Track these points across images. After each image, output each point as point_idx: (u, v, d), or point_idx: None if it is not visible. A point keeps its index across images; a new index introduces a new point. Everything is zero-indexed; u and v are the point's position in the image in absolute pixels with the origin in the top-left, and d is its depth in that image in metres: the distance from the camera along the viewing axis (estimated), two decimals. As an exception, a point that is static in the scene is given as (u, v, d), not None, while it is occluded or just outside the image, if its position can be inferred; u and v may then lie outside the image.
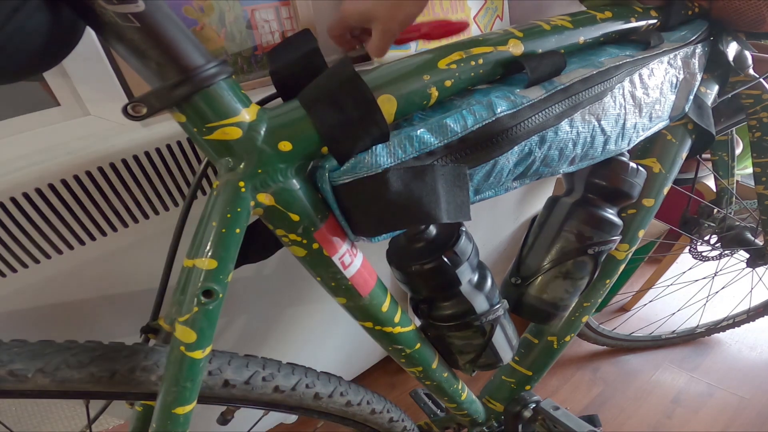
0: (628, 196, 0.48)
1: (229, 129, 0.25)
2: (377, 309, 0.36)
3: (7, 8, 0.19)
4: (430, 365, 0.44)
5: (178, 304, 0.27)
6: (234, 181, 0.26)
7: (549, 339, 0.61)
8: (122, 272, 0.45)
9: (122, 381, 0.31)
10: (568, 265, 0.49)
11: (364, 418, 0.50)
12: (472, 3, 0.66)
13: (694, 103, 0.48)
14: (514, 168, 0.34)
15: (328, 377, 0.44)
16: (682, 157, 0.53)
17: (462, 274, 0.39)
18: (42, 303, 0.42)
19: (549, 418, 0.58)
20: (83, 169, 0.38)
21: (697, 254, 0.93)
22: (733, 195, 0.83)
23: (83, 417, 0.83)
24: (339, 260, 0.32)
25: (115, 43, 0.22)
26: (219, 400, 0.38)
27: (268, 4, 0.49)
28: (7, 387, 0.28)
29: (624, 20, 0.42)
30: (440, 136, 0.30)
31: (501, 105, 0.32)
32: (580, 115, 0.35)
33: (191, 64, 0.23)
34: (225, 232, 0.26)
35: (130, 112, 0.23)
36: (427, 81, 0.30)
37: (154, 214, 0.44)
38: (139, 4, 0.21)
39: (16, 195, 0.35)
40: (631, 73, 0.39)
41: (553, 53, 0.35)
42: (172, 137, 0.41)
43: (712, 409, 0.92)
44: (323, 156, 0.29)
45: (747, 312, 1.04)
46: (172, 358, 0.28)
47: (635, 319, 1.11)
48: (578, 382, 1.00)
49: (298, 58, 0.29)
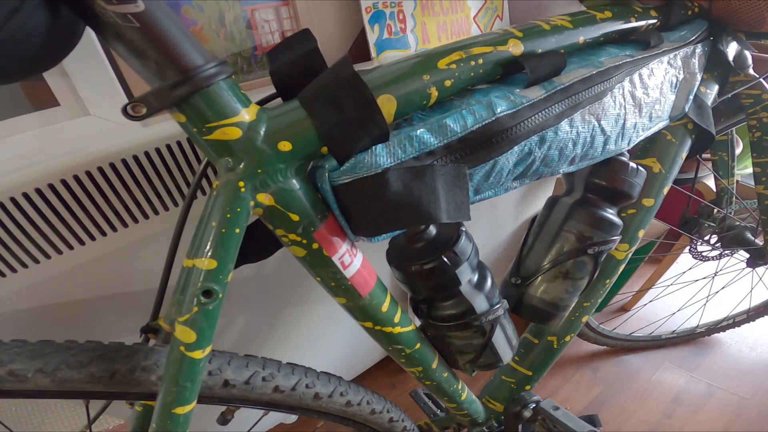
0: (628, 196, 0.48)
1: (229, 129, 0.25)
2: (377, 309, 0.36)
3: (7, 8, 0.19)
4: (430, 365, 0.44)
5: (178, 304, 0.27)
6: (234, 181, 0.26)
7: (549, 339, 0.61)
8: (122, 272, 0.45)
9: (122, 381, 0.31)
10: (568, 265, 0.49)
11: (364, 418, 0.50)
12: (472, 3, 0.66)
13: (694, 103, 0.48)
14: (513, 168, 0.34)
15: (328, 377, 0.44)
16: (682, 157, 0.53)
17: (462, 274, 0.39)
18: (42, 303, 0.42)
19: (549, 418, 0.58)
20: (83, 169, 0.38)
21: (697, 254, 0.93)
22: (733, 195, 0.83)
23: (83, 417, 0.83)
24: (339, 260, 0.32)
25: (114, 43, 0.22)
26: (219, 400, 0.38)
27: (268, 4, 0.50)
28: (7, 387, 0.28)
29: (624, 20, 0.42)
30: (440, 136, 0.30)
31: (501, 105, 0.32)
32: (580, 115, 0.35)
33: (191, 64, 0.23)
34: (225, 232, 0.26)
35: (129, 112, 0.23)
36: (427, 81, 0.30)
37: (153, 214, 0.44)
38: (139, 4, 0.21)
39: (16, 195, 0.35)
40: (631, 73, 0.39)
41: (553, 53, 0.35)
42: (172, 137, 0.41)
43: (712, 409, 0.92)
44: (323, 156, 0.29)
45: (747, 312, 1.04)
46: (172, 358, 0.28)
47: (635, 319, 1.11)
48: (578, 382, 1.00)
49: (298, 58, 0.29)
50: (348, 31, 0.60)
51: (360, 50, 0.61)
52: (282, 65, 0.29)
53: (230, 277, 0.27)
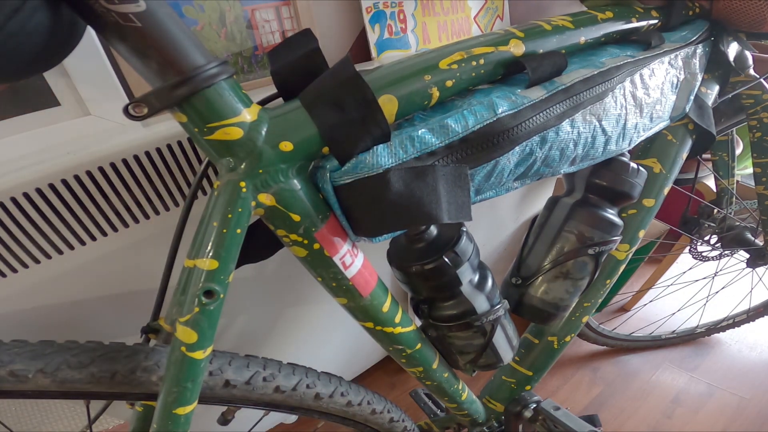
0: (628, 196, 0.48)
1: (230, 129, 0.25)
2: (378, 309, 0.36)
3: (8, 8, 0.19)
4: (430, 365, 0.44)
5: (179, 305, 0.27)
6: (235, 181, 0.26)
7: (549, 339, 0.61)
8: (123, 272, 0.45)
9: (123, 381, 0.31)
10: (568, 266, 0.49)
11: (365, 419, 0.50)
12: (472, 3, 0.66)
13: (695, 104, 0.48)
14: (515, 168, 0.34)
15: (329, 377, 0.44)
16: (683, 157, 0.53)
17: (463, 274, 0.39)
18: (42, 303, 0.42)
19: (549, 418, 0.58)
20: (84, 169, 0.38)
21: (697, 254, 0.93)
22: (733, 195, 0.83)
23: (83, 417, 0.83)
24: (340, 260, 0.32)
25: (116, 43, 0.22)
26: (220, 401, 0.38)
27: (269, 4, 0.49)
28: (7, 387, 0.28)
29: (625, 20, 0.42)
30: (441, 136, 0.30)
31: (502, 105, 0.32)
32: (581, 115, 0.35)
33: (192, 64, 0.23)
34: (226, 232, 0.26)
35: (131, 111, 0.23)
36: (428, 81, 0.30)
37: (154, 214, 0.44)
38: (141, 4, 0.21)
39: (17, 195, 0.35)
40: (632, 73, 0.39)
41: (554, 53, 0.35)
42: (173, 137, 0.41)
43: (712, 409, 0.92)
44: (324, 156, 0.29)
45: (747, 312, 1.05)
46: (173, 358, 0.28)
47: (635, 319, 1.11)
48: (578, 382, 1.00)
49: (299, 57, 0.29)
50: (348, 31, 0.60)
51: (360, 50, 0.61)
52: (283, 65, 0.29)
53: (231, 278, 0.27)
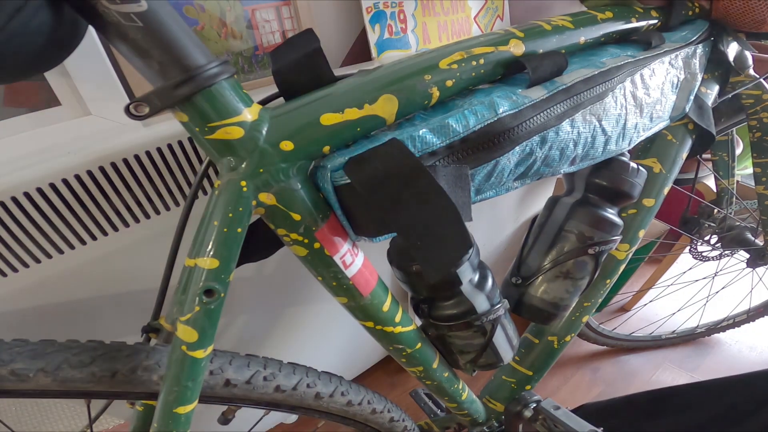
0: (628, 196, 0.49)
1: (231, 128, 0.25)
2: (378, 309, 0.36)
3: (10, 8, 0.19)
4: (430, 365, 0.44)
5: (180, 304, 0.27)
6: (236, 180, 0.26)
7: (549, 339, 0.61)
8: (124, 272, 0.45)
9: (123, 380, 0.31)
10: (568, 265, 0.49)
11: (365, 418, 0.50)
12: (472, 3, 0.66)
13: (695, 104, 0.48)
14: (515, 168, 0.34)
15: (329, 377, 0.44)
16: (683, 157, 0.53)
17: (463, 273, 0.39)
18: (43, 302, 0.42)
19: (550, 417, 0.58)
20: (85, 169, 0.38)
21: (697, 254, 0.93)
22: (733, 195, 0.83)
23: (84, 417, 0.83)
24: (340, 260, 0.32)
25: (117, 42, 0.22)
26: (220, 400, 0.38)
27: (269, 4, 0.50)
28: (8, 386, 0.28)
29: (625, 20, 0.42)
30: (442, 136, 0.30)
31: (503, 105, 0.32)
32: (581, 115, 0.35)
33: (193, 63, 0.23)
34: (226, 231, 0.26)
35: (132, 111, 0.23)
36: (429, 81, 0.30)
37: (155, 213, 0.44)
38: (142, 4, 0.21)
39: (18, 194, 0.35)
40: (633, 73, 0.39)
41: (554, 53, 0.35)
42: (174, 136, 0.41)
43: (712, 409, 0.92)
44: (325, 156, 0.29)
45: (747, 312, 1.05)
46: (174, 357, 0.28)
47: (635, 319, 1.11)
48: (578, 382, 1.00)
49: (301, 57, 0.29)
50: (349, 31, 0.60)
51: (361, 50, 0.61)
52: (285, 65, 0.29)
53: (232, 277, 0.27)
